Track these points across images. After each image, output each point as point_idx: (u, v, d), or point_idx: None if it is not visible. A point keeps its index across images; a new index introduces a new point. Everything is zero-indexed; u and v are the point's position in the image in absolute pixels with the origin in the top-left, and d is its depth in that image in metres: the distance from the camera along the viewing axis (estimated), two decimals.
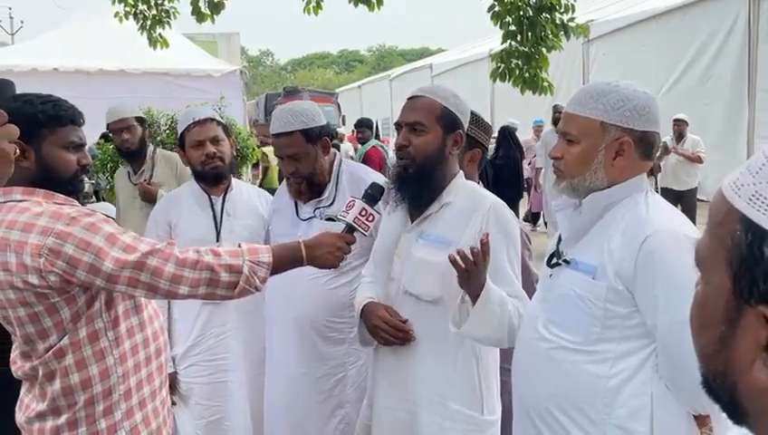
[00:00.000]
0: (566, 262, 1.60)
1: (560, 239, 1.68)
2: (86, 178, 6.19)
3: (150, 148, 3.94)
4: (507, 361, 2.16)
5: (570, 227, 1.64)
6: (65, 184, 1.67)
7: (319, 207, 2.39)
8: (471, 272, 1.71)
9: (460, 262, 1.70)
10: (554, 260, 1.65)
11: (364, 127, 8.66)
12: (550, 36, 5.07)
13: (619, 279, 1.48)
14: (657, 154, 8.44)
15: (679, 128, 7.78)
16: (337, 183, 2.42)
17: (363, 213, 1.90)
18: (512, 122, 8.98)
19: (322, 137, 2.36)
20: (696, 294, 0.65)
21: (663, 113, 1.70)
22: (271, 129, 2.37)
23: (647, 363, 1.49)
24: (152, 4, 5.90)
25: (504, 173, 7.85)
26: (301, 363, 2.38)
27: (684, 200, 7.39)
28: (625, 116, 1.53)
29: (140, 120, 3.95)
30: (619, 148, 1.54)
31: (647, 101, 1.55)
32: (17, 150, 1.20)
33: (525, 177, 8.87)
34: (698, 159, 7.64)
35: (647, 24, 10.41)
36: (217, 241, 2.55)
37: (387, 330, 1.94)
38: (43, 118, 1.60)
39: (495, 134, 8.22)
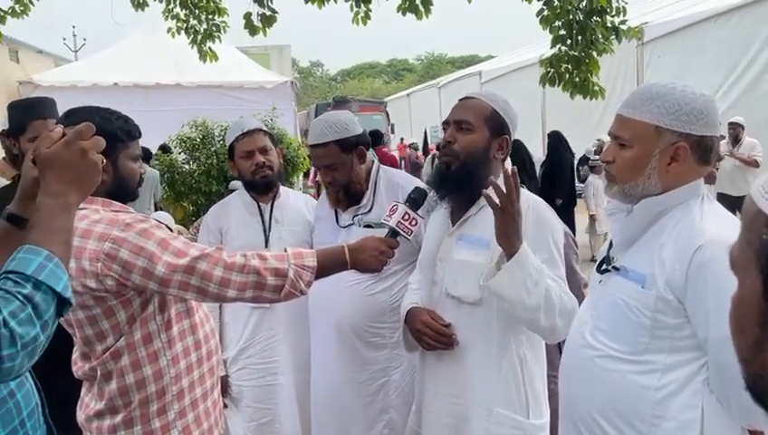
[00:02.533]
0: (616, 269, 1.55)
1: (611, 245, 1.64)
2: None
3: None
4: (551, 367, 2.13)
5: (621, 233, 1.60)
6: (132, 193, 1.79)
7: (357, 215, 2.42)
8: (506, 210, 1.68)
9: (494, 197, 1.68)
10: (604, 266, 1.61)
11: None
12: (600, 40, 4.98)
13: (669, 289, 1.43)
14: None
15: (735, 131, 7.51)
16: (375, 191, 2.44)
17: (406, 217, 1.91)
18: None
19: (358, 146, 2.39)
20: (732, 298, 0.65)
21: (721, 115, 1.63)
22: (308, 140, 2.41)
23: (697, 376, 1.43)
24: (203, 19, 6.09)
25: (558, 179, 7.75)
26: (344, 368, 2.41)
27: (740, 207, 7.08)
28: (681, 120, 1.46)
29: None
30: (675, 153, 1.48)
31: (705, 104, 1.48)
32: (104, 160, 1.28)
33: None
34: (754, 163, 7.33)
35: (704, 25, 10.08)
36: (266, 247, 2.60)
37: (430, 335, 1.94)
38: (120, 134, 1.71)
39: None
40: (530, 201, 1.92)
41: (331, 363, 2.44)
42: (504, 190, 1.68)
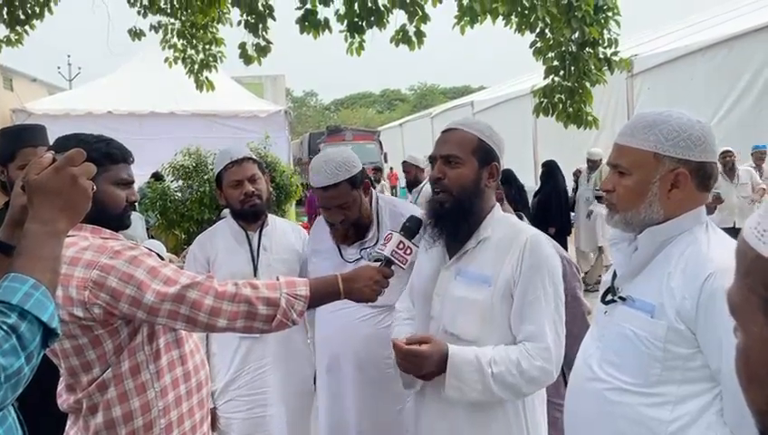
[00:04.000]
0: (622, 299, 1.53)
1: (614, 275, 1.61)
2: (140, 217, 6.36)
3: None
4: (557, 395, 2.08)
5: (625, 263, 1.57)
6: (115, 219, 1.71)
7: (365, 248, 2.40)
8: (413, 363, 1.79)
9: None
10: (609, 296, 1.58)
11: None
12: (593, 70, 5.04)
13: (680, 319, 1.40)
14: (710, 201, 7.93)
15: (731, 159, 7.55)
16: (379, 222, 2.44)
17: (401, 246, 1.89)
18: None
19: (363, 181, 2.41)
20: (737, 345, 0.60)
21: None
22: (314, 182, 2.37)
23: (711, 408, 1.40)
24: (200, 49, 6.12)
25: (553, 207, 7.80)
26: (375, 407, 2.39)
27: None
28: (680, 146, 1.47)
29: None
30: (675, 179, 1.48)
31: (702, 131, 1.49)
32: (94, 187, 1.25)
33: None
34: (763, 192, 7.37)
35: (692, 58, 10.24)
36: (255, 275, 2.56)
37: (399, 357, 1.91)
38: (96, 156, 1.64)
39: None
40: (527, 236, 1.87)
41: (360, 403, 2.41)
42: (402, 368, 1.80)
